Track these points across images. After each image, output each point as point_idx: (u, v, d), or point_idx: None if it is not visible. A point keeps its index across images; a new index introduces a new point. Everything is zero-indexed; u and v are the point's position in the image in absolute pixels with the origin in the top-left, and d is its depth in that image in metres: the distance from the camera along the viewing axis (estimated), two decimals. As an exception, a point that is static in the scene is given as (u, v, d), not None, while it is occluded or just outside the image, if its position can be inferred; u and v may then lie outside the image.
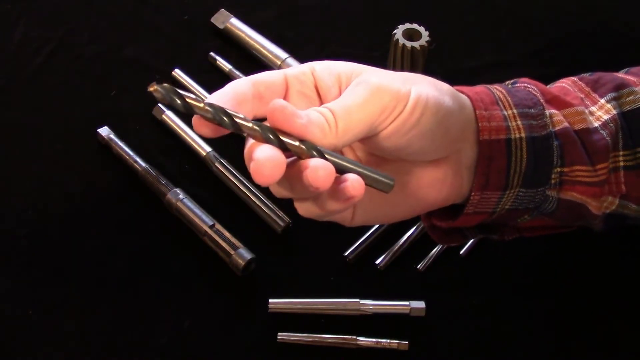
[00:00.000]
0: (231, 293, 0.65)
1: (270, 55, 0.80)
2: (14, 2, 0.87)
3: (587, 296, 0.64)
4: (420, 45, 0.72)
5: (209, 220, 0.67)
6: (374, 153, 0.48)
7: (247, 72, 0.80)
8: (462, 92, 0.49)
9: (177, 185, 0.70)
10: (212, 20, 0.84)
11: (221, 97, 0.42)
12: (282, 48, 0.80)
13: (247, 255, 0.65)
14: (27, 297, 0.64)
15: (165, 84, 0.40)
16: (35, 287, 0.65)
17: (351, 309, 0.63)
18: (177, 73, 0.80)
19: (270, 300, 0.63)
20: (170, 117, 0.75)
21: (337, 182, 0.41)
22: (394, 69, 0.74)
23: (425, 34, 0.73)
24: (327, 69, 0.46)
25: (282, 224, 0.68)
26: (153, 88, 0.40)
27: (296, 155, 0.41)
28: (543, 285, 0.65)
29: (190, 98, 0.40)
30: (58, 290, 0.65)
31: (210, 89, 0.78)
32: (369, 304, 0.63)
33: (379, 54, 0.80)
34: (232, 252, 0.65)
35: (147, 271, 0.66)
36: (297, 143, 0.41)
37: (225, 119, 0.40)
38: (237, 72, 0.80)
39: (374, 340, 0.61)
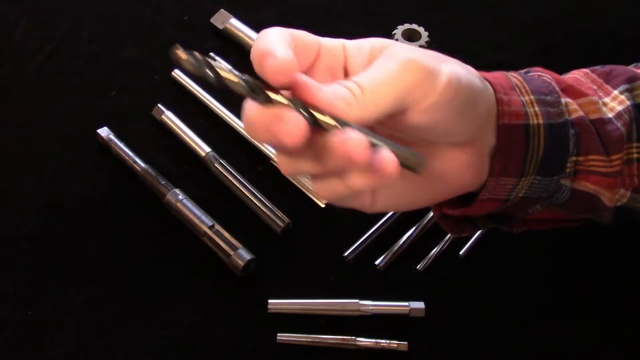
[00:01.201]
0: (231, 293, 0.65)
1: (270, 55, 0.80)
2: (14, 2, 0.87)
3: (587, 296, 0.64)
4: (420, 45, 0.72)
5: (209, 221, 0.67)
6: (398, 135, 0.46)
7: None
8: (480, 74, 0.48)
9: (176, 186, 0.70)
10: (212, 20, 0.84)
11: (279, 42, 0.40)
12: (282, 48, 0.80)
13: (247, 255, 0.65)
14: (27, 298, 0.64)
15: (194, 52, 0.37)
16: (35, 287, 0.65)
17: (350, 310, 0.63)
18: (177, 73, 0.80)
19: (269, 301, 0.63)
20: (170, 118, 0.75)
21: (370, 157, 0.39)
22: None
23: (425, 34, 0.73)
24: (357, 47, 0.45)
25: (281, 224, 0.68)
26: (181, 55, 0.36)
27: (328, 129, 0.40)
28: (543, 285, 0.65)
29: (223, 70, 0.37)
30: (58, 291, 0.65)
31: (211, 89, 0.78)
32: (369, 305, 0.63)
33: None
34: (231, 252, 0.65)
35: (147, 271, 0.66)
36: (327, 118, 0.39)
37: (257, 93, 0.39)
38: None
39: (373, 340, 0.61)
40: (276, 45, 0.40)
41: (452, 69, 0.43)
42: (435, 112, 0.43)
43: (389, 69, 0.41)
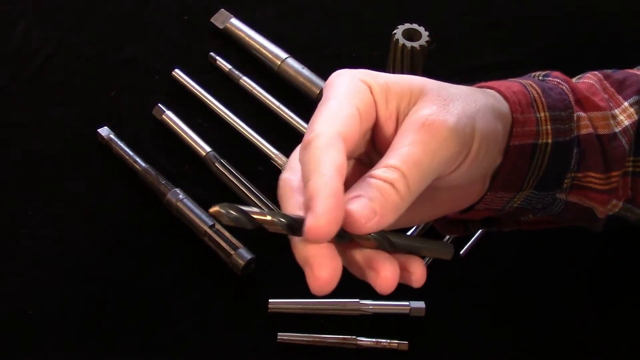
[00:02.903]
0: (231, 293, 0.65)
1: (270, 55, 0.80)
2: (14, 2, 0.87)
3: (587, 296, 0.64)
4: (420, 45, 0.72)
5: (209, 220, 0.67)
6: None
7: (247, 72, 0.80)
8: (500, 92, 0.47)
9: (177, 185, 0.70)
10: (212, 20, 0.84)
11: (335, 191, 0.36)
12: (282, 48, 0.80)
13: (247, 255, 0.65)
14: (27, 297, 0.64)
15: (225, 204, 0.36)
16: (35, 287, 0.65)
17: (351, 309, 0.63)
18: (177, 73, 0.80)
19: (270, 300, 0.63)
20: (170, 117, 0.75)
21: (401, 267, 0.40)
22: (394, 69, 0.74)
23: (425, 34, 0.73)
24: (384, 92, 0.41)
25: (282, 224, 0.68)
26: (215, 210, 0.36)
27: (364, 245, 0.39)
28: (543, 285, 0.65)
29: (255, 213, 0.36)
30: (58, 290, 0.65)
31: (210, 89, 0.78)
32: (369, 304, 0.63)
33: (379, 54, 0.80)
34: (232, 252, 0.65)
35: (147, 271, 0.66)
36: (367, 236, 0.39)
37: (291, 227, 0.38)
38: (236, 72, 0.80)
39: (374, 340, 0.61)
40: (326, 210, 0.36)
41: (482, 127, 0.42)
42: (467, 172, 0.43)
43: (426, 146, 0.39)
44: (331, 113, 0.40)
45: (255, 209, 0.37)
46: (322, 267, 0.37)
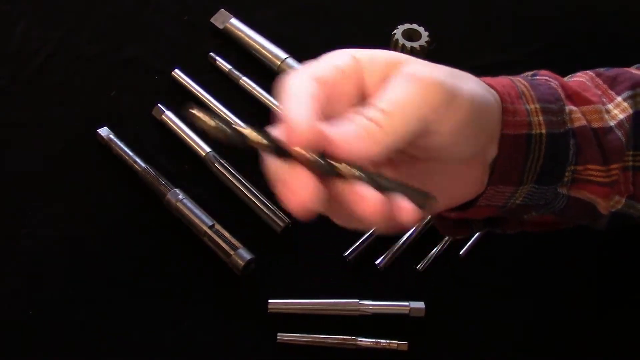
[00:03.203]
0: (231, 293, 0.65)
1: (270, 56, 0.80)
2: (14, 2, 0.87)
3: (588, 296, 0.64)
4: (420, 46, 0.72)
5: (209, 221, 0.67)
6: (407, 151, 0.45)
7: (247, 72, 0.80)
8: (490, 85, 0.48)
9: (177, 186, 0.70)
10: (212, 20, 0.84)
11: (303, 103, 0.39)
12: (282, 48, 0.80)
13: (247, 255, 0.65)
14: (27, 298, 0.64)
15: (208, 112, 0.37)
16: (35, 287, 0.65)
17: (351, 309, 0.63)
18: (177, 73, 0.80)
19: (270, 301, 0.63)
20: (170, 118, 0.75)
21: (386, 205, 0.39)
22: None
23: (425, 34, 0.73)
24: (370, 60, 0.43)
25: (281, 224, 0.68)
26: (199, 115, 0.37)
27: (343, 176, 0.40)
28: (543, 285, 0.65)
29: (243, 128, 0.38)
30: (58, 291, 0.65)
31: (210, 89, 0.78)
32: (369, 304, 0.63)
33: (379, 54, 0.80)
34: (231, 252, 0.65)
35: (147, 271, 0.66)
36: (344, 166, 0.39)
37: (275, 150, 0.39)
38: (236, 72, 0.80)
39: (373, 340, 0.61)
40: (298, 114, 0.38)
41: (471, 87, 0.43)
42: (458, 132, 0.43)
43: (412, 91, 0.40)
44: (307, 67, 0.42)
45: (241, 125, 0.39)
46: (299, 180, 0.38)
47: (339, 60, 0.43)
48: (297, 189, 0.38)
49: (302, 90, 0.40)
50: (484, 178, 0.48)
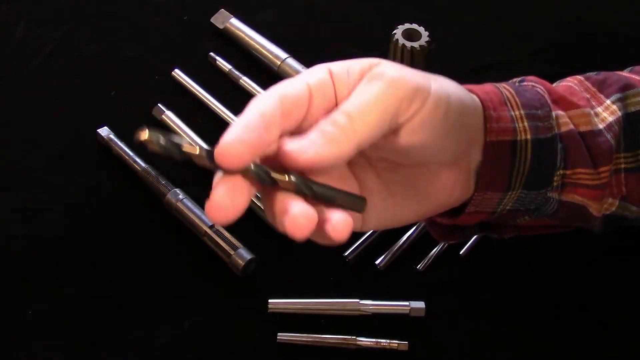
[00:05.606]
0: (231, 293, 0.65)
1: (270, 56, 0.80)
2: (14, 2, 0.87)
3: (588, 296, 0.64)
4: (420, 45, 0.72)
5: (209, 221, 0.67)
6: (388, 157, 0.46)
7: (247, 72, 0.80)
8: (472, 91, 0.48)
9: (177, 186, 0.70)
10: (212, 20, 0.84)
11: (250, 124, 0.39)
12: (282, 48, 0.80)
13: (247, 255, 0.65)
14: (27, 298, 0.64)
15: (157, 131, 0.39)
16: (35, 287, 0.65)
17: (351, 309, 0.63)
18: (177, 73, 0.80)
19: (270, 301, 0.63)
20: (170, 118, 0.75)
21: (322, 218, 0.40)
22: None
23: (425, 34, 0.73)
24: (345, 71, 0.43)
25: (282, 224, 0.68)
26: (144, 137, 0.38)
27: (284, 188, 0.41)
28: (543, 285, 0.65)
29: (185, 145, 0.39)
30: (58, 290, 0.65)
31: (210, 89, 0.78)
32: (369, 304, 0.63)
33: (379, 54, 0.79)
34: (232, 252, 0.65)
35: (147, 271, 0.66)
36: (277, 174, 0.40)
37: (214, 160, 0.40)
38: (236, 72, 0.80)
39: (373, 340, 0.61)
40: (230, 133, 0.39)
41: (440, 84, 0.43)
42: (426, 130, 0.43)
43: (375, 89, 0.41)
44: (276, 86, 0.42)
45: (186, 141, 0.40)
46: (222, 188, 0.40)
47: (310, 77, 0.43)
48: (227, 200, 0.40)
49: (254, 109, 0.40)
50: (470, 184, 0.48)
